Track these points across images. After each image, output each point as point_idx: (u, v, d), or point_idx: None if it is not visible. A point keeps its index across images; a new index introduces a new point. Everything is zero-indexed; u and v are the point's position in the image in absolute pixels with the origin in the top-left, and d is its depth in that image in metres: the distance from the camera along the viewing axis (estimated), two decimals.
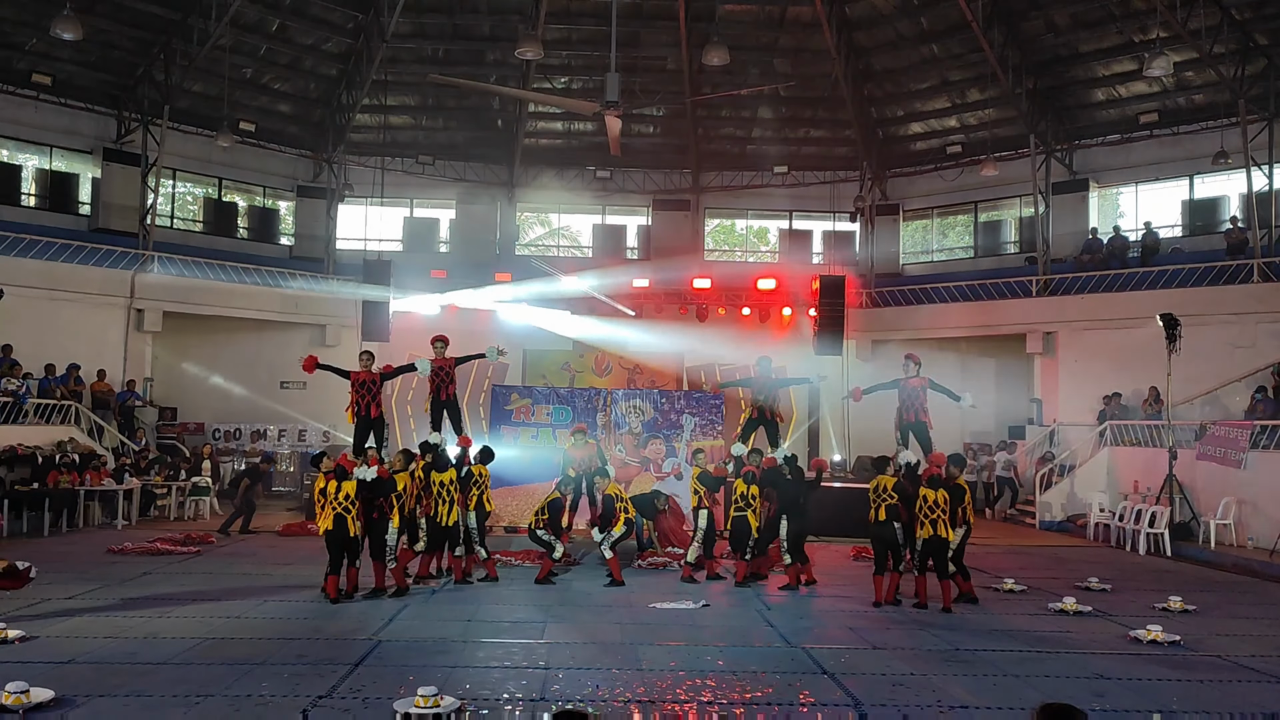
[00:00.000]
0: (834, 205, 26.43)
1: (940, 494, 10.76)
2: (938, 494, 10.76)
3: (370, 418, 12.14)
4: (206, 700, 6.76)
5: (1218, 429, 17.28)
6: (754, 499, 12.07)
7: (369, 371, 12.23)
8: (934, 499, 10.74)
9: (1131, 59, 21.63)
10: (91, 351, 20.60)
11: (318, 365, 12.58)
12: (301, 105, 25.35)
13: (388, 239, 26.33)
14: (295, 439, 23.20)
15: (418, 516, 11.79)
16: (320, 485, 10.72)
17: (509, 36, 22.74)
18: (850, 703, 7.08)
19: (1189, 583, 12.94)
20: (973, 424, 24.48)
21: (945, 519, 10.71)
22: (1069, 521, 19.41)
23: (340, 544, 10.56)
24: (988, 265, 25.04)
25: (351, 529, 10.60)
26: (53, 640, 8.36)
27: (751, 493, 12.08)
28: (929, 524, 10.72)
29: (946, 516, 10.72)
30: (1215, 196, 22.47)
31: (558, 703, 6.86)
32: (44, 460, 17.01)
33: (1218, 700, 7.39)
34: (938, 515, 10.69)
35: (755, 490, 12.11)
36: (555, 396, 18.44)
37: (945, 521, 10.71)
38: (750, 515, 12.04)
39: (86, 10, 19.77)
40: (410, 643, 8.62)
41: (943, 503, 10.73)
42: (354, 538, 10.68)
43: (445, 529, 11.61)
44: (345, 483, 10.63)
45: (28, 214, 21.76)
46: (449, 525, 11.60)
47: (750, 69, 24.45)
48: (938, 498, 10.73)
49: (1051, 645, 8.98)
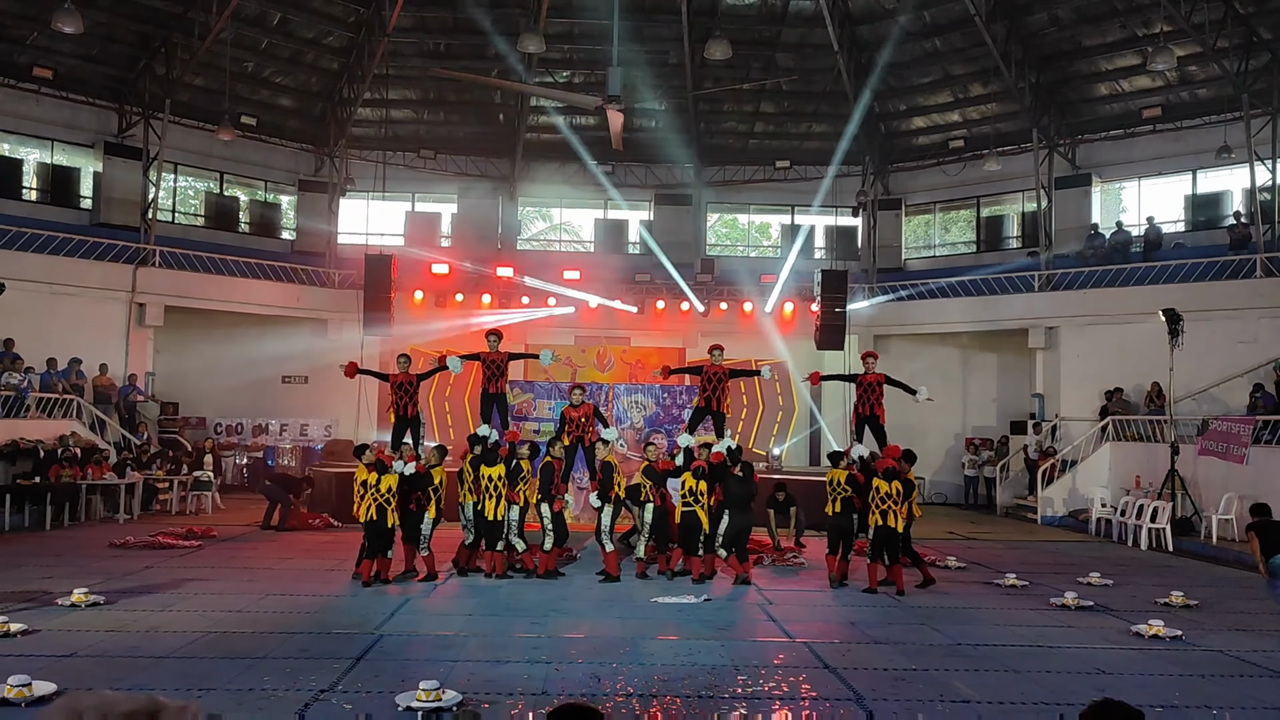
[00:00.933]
0: (836, 200, 26.38)
1: (894, 485, 11.30)
2: (891, 485, 11.27)
3: (407, 417, 12.90)
4: (209, 693, 6.76)
5: (1220, 424, 17.27)
6: (702, 494, 11.88)
7: (406, 374, 13.05)
8: (887, 490, 11.27)
9: (1135, 53, 21.58)
10: (93, 346, 20.59)
11: (358, 370, 13.52)
12: (303, 99, 25.32)
13: (389, 233, 26.32)
14: (297, 433, 23.23)
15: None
16: (361, 476, 11.42)
17: (511, 30, 22.69)
18: (853, 696, 7.07)
19: (1191, 578, 12.97)
20: (974, 418, 24.53)
21: (896, 509, 11.21)
22: (1071, 516, 19.41)
23: (379, 533, 11.27)
24: (990, 260, 24.99)
25: (390, 519, 11.32)
26: (55, 634, 8.37)
27: (700, 488, 11.89)
28: (879, 513, 11.24)
29: (899, 507, 11.22)
30: (1218, 191, 22.41)
31: (559, 696, 6.86)
32: (46, 454, 17.02)
33: (1219, 695, 7.39)
34: (889, 506, 11.21)
35: (704, 486, 11.92)
36: (557, 392, 18.44)
37: (895, 511, 11.21)
38: (699, 510, 11.86)
39: (88, 4, 19.72)
40: (412, 637, 8.63)
41: (895, 493, 11.24)
42: (391, 528, 11.36)
43: (492, 523, 11.69)
44: (386, 476, 11.33)
45: (29, 208, 21.74)
46: (496, 520, 11.69)
47: (752, 63, 24.41)
48: (891, 489, 11.25)
49: (1053, 640, 8.98)
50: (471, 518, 12.10)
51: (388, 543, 11.39)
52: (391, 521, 11.33)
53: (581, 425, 13.41)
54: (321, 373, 23.82)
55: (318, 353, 24.15)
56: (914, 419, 23.98)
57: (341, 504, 16.90)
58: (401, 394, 12.89)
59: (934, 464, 24.38)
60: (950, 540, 16.73)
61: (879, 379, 13.03)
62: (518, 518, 12.00)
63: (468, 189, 26.42)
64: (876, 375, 13.07)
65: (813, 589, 11.73)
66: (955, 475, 24.05)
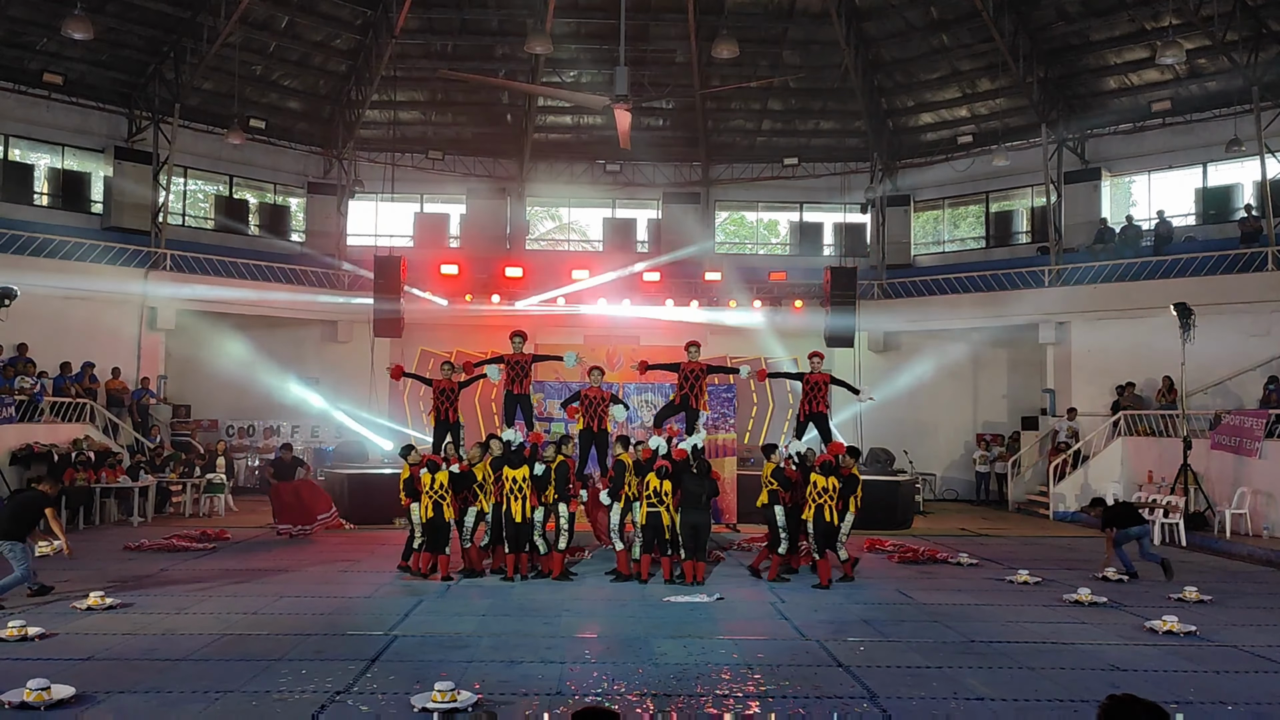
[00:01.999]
0: (845, 197, 26.35)
1: (831, 480, 11.50)
2: (828, 480, 11.49)
3: (449, 421, 13.48)
4: (225, 696, 6.80)
5: (1233, 418, 17.21)
6: (667, 495, 11.70)
7: (448, 380, 13.69)
8: (824, 484, 11.48)
9: (1144, 46, 21.49)
10: (106, 349, 20.69)
11: (403, 374, 14.12)
12: (311, 102, 25.40)
13: (398, 234, 26.38)
14: (309, 435, 23.30)
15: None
16: (405, 475, 12.09)
17: (518, 31, 22.73)
18: (866, 695, 7.08)
19: (1204, 573, 12.91)
20: (985, 414, 24.47)
21: (832, 504, 11.41)
22: (1083, 512, 19.31)
23: (437, 528, 11.68)
24: (1000, 255, 24.94)
25: (447, 514, 11.73)
26: (72, 637, 8.43)
27: (665, 488, 11.71)
28: (814, 507, 11.43)
29: (834, 502, 11.43)
30: (1229, 184, 22.30)
31: (573, 697, 6.88)
32: (60, 458, 17.11)
33: (1235, 691, 7.37)
34: (825, 500, 11.41)
35: (669, 485, 11.72)
36: (568, 392, 18.43)
37: (831, 506, 11.42)
38: (664, 511, 11.71)
39: (97, 9, 19.83)
40: (426, 638, 8.66)
41: (832, 488, 11.45)
42: (448, 523, 11.77)
43: (519, 525, 11.67)
44: (438, 474, 11.74)
45: (41, 213, 21.85)
46: (521, 522, 11.67)
47: (759, 61, 24.38)
48: (828, 484, 11.47)
49: (1067, 637, 8.97)
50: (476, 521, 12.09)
51: (446, 538, 11.71)
52: (448, 516, 11.68)
53: (596, 406, 13.48)
54: (333, 374, 23.96)
55: (329, 354, 24.29)
56: (925, 415, 24.05)
57: (355, 505, 16.98)
58: (443, 399, 13.50)
59: (945, 460, 24.35)
60: (962, 537, 16.71)
61: (824, 378, 13.94)
62: (542, 519, 11.94)
63: (476, 189, 26.46)
64: (822, 375, 13.95)
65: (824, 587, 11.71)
66: (966, 471, 23.99)
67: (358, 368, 23.17)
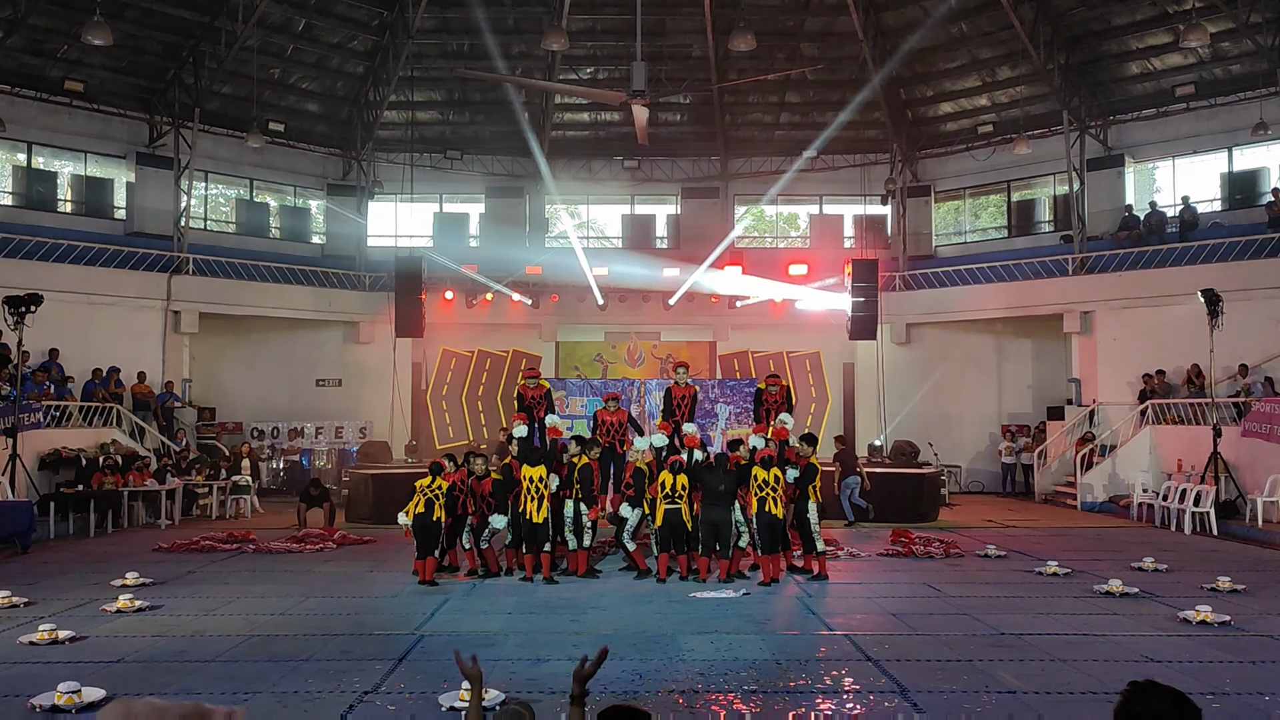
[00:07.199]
0: (865, 188, 26.17)
1: (772, 473, 11.40)
2: (769, 473, 11.39)
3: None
4: (254, 697, 6.82)
5: (1263, 405, 16.98)
6: (683, 489, 11.60)
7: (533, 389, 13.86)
8: (765, 477, 11.38)
9: (1166, 31, 21.23)
10: (131, 354, 20.87)
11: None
12: (329, 104, 25.49)
13: (418, 235, 26.44)
14: (332, 436, 23.40)
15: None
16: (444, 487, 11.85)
17: (534, 29, 22.70)
18: (896, 689, 7.02)
19: (1237, 562, 12.75)
20: (1010, 405, 24.27)
21: (774, 496, 11.31)
22: (1111, 502, 19.18)
23: (426, 528, 11.35)
24: (1022, 245, 24.70)
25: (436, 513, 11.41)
26: (102, 640, 8.49)
27: (680, 483, 11.62)
28: (757, 500, 11.33)
29: (775, 495, 11.33)
30: (1255, 168, 21.99)
31: (602, 694, 6.85)
32: (88, 463, 17.29)
33: (1272, 681, 7.25)
34: (767, 494, 11.31)
35: (684, 480, 11.65)
36: (589, 388, 18.44)
37: (774, 499, 11.31)
38: (684, 507, 11.58)
39: (116, 16, 19.94)
40: (453, 636, 8.65)
41: (774, 481, 11.37)
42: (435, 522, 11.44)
43: (535, 526, 11.54)
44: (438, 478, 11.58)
45: (64, 220, 22.04)
46: (539, 522, 11.53)
47: (777, 53, 24.28)
48: (768, 476, 11.37)
49: (1099, 628, 8.86)
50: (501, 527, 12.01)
51: (435, 541, 11.42)
52: (437, 516, 11.37)
53: (615, 430, 13.45)
54: (355, 375, 24.07)
55: (350, 355, 24.38)
56: (949, 407, 23.89)
57: (379, 506, 17.02)
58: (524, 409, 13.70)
59: (970, 452, 24.17)
60: (989, 528, 16.58)
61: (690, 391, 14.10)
62: (572, 514, 11.81)
63: (495, 188, 26.46)
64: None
65: (851, 581, 11.67)
66: (992, 463, 23.81)
67: (380, 368, 23.26)
